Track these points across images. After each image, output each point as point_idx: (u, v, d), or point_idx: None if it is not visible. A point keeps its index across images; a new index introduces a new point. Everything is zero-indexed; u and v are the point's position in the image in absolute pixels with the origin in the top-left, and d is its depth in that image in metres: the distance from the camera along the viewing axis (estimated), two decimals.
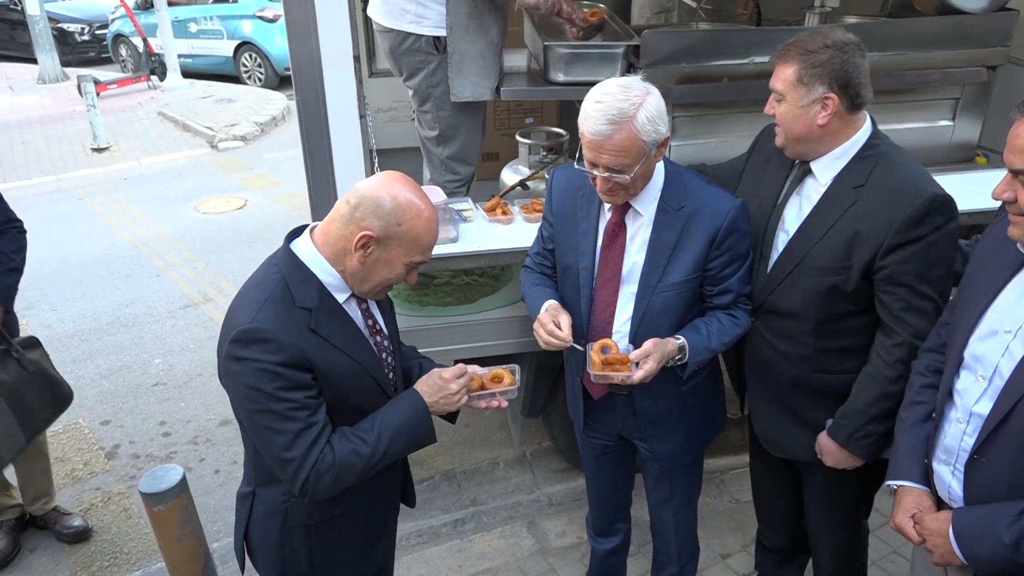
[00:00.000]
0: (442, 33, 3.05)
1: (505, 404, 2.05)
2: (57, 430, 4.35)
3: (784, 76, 2.08)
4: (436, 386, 1.93)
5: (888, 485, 1.94)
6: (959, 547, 1.71)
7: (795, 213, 2.21)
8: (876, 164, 2.11)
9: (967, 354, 1.77)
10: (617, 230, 2.21)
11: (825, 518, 2.54)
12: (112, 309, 5.70)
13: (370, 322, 1.97)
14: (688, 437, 2.43)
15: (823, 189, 2.15)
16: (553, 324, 2.17)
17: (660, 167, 2.19)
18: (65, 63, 13.31)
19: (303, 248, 1.84)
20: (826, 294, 2.14)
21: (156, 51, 12.13)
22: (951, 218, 2.05)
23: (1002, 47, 3.24)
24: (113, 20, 13.83)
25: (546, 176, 3.32)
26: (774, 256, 2.23)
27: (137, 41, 12.52)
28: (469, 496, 3.82)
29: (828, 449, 2.25)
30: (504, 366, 2.08)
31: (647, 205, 2.18)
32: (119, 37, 13.70)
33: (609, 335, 2.26)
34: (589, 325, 2.28)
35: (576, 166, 2.15)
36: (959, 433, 1.77)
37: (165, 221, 7.25)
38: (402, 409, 1.91)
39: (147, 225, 7.19)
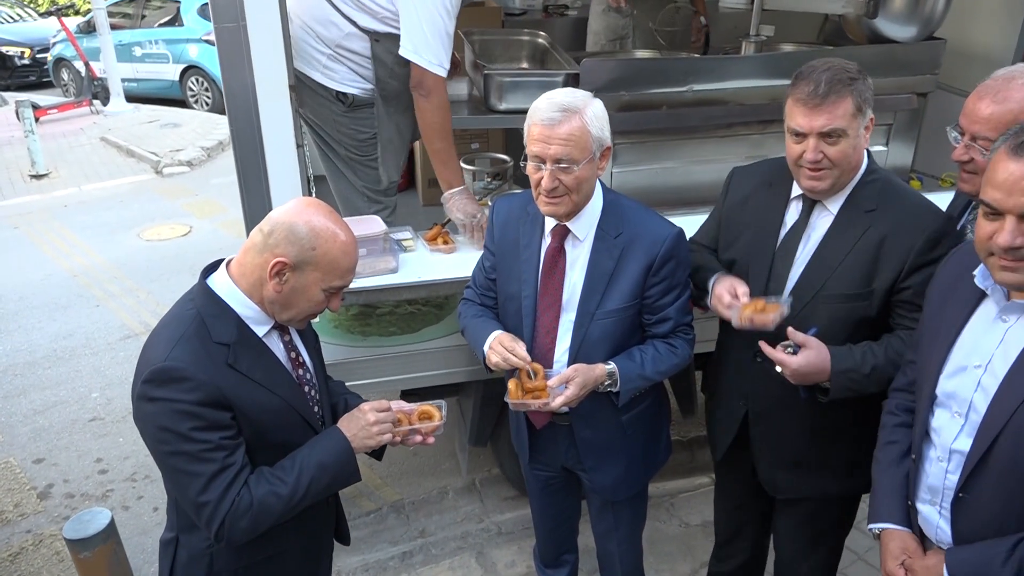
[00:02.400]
0: (344, 89, 3.02)
1: (431, 441, 2.02)
2: None
3: (844, 111, 1.96)
4: (358, 424, 1.89)
5: (871, 529, 1.92)
6: None
7: (804, 243, 2.16)
8: (882, 188, 2.10)
9: (939, 392, 1.76)
10: (557, 255, 2.20)
11: (809, 543, 2.51)
12: (48, 341, 5.51)
13: (293, 355, 1.92)
14: (630, 469, 2.41)
15: (832, 217, 2.12)
16: (512, 346, 2.16)
17: (599, 193, 2.19)
18: (4, 87, 13.02)
19: (219, 282, 1.80)
20: (851, 322, 2.11)
21: (99, 75, 11.88)
22: (954, 237, 2.08)
23: (931, 75, 3.35)
24: (54, 44, 13.54)
25: (490, 203, 3.32)
26: (787, 289, 2.16)
27: (79, 65, 12.25)
28: (417, 527, 3.75)
29: (808, 361, 2.03)
30: (431, 402, 2.05)
31: (586, 231, 2.18)
32: (61, 61, 13.40)
33: (550, 362, 2.24)
34: (532, 353, 2.25)
35: (522, 168, 2.13)
36: (941, 472, 1.75)
37: (106, 249, 7.06)
38: (323, 447, 1.86)
39: (87, 253, 6.99)
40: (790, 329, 2.04)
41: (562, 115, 2.00)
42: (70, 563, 3.54)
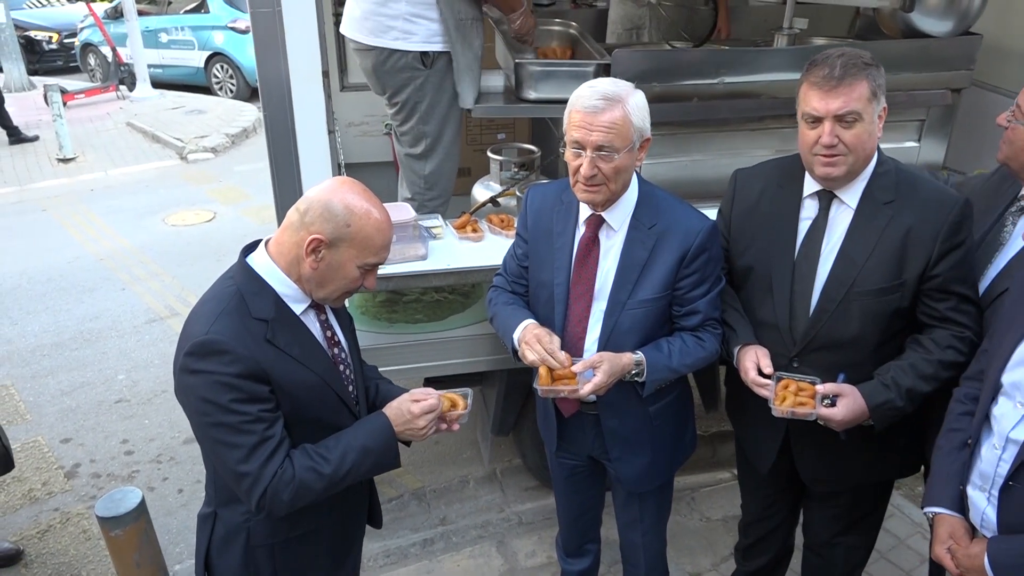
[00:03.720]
0: (429, 48, 3.07)
1: (456, 428, 2.04)
2: (15, 448, 4.23)
3: (859, 94, 1.96)
4: (404, 418, 1.92)
5: (925, 512, 1.95)
6: None
7: (827, 240, 2.15)
8: (897, 178, 2.10)
9: (1005, 380, 1.77)
10: (591, 245, 2.21)
11: (844, 529, 2.52)
12: (75, 323, 5.58)
13: (328, 333, 1.95)
14: (656, 460, 2.41)
15: (851, 211, 2.11)
16: (547, 342, 2.14)
17: (634, 184, 2.19)
18: (32, 72, 13.10)
19: (258, 260, 1.83)
20: (885, 315, 2.11)
21: (125, 61, 11.97)
22: (972, 221, 2.09)
23: (966, 70, 3.29)
24: (82, 29, 13.64)
25: (517, 193, 3.32)
26: (817, 289, 2.15)
27: (106, 50, 12.35)
28: (438, 515, 3.77)
29: (848, 410, 2.06)
30: (457, 390, 2.07)
31: (620, 221, 2.18)
32: (88, 46, 13.51)
33: (581, 351, 2.25)
34: (562, 341, 2.25)
35: (565, 161, 2.12)
36: (995, 459, 1.77)
37: (132, 233, 7.13)
38: (368, 431, 1.89)
39: (113, 237, 7.06)
40: (820, 387, 2.07)
41: (605, 103, 2.00)
42: (96, 541, 3.61)
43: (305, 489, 1.78)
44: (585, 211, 2.21)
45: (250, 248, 1.89)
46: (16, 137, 9.75)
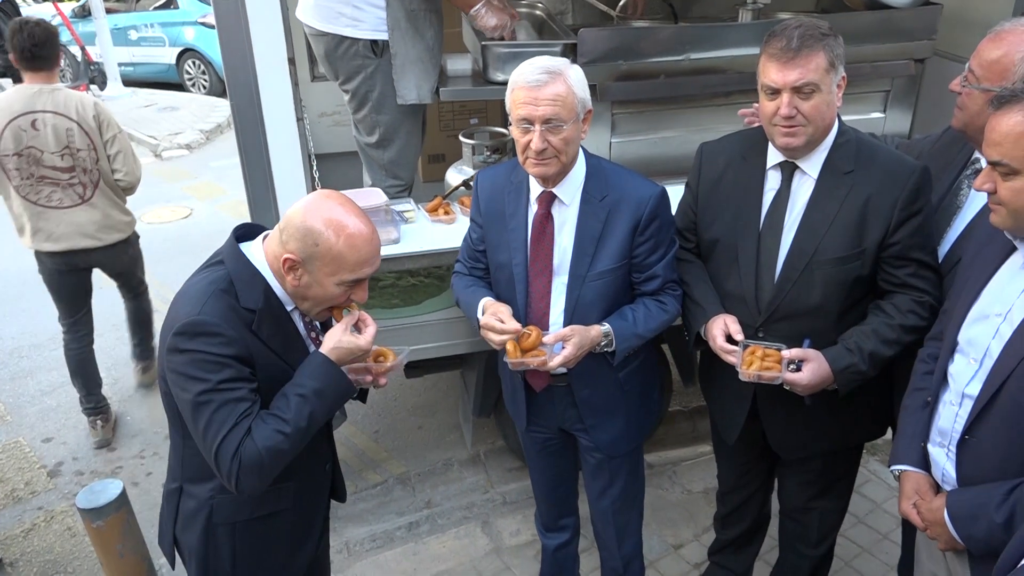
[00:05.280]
0: (379, 36, 3.03)
1: (383, 382, 2.01)
2: None
3: (816, 64, 1.97)
4: (344, 347, 1.84)
5: (892, 470, 2.00)
6: (955, 530, 1.75)
7: (790, 211, 2.18)
8: (856, 148, 2.13)
9: (961, 338, 1.82)
10: (544, 222, 2.24)
11: (819, 493, 2.57)
12: (53, 324, 5.43)
13: (313, 335, 1.98)
14: (628, 424, 2.46)
15: (813, 181, 2.14)
16: (496, 321, 2.18)
17: (582, 158, 2.23)
18: (1, 73, 12.92)
19: (254, 253, 1.85)
20: (846, 283, 2.15)
21: (95, 59, 11.83)
22: (931, 188, 2.13)
23: (928, 40, 3.34)
24: None
25: None
26: (781, 259, 2.18)
27: (75, 50, 12.18)
28: (423, 499, 3.80)
29: (813, 374, 2.10)
30: (392, 347, 2.06)
31: (572, 195, 2.22)
32: None
33: (546, 326, 2.28)
34: (526, 319, 2.29)
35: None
36: (952, 415, 1.82)
37: None
38: (310, 373, 1.83)
39: None
40: (786, 352, 2.10)
41: (548, 76, 2.04)
42: (81, 538, 3.61)
43: (277, 453, 1.75)
44: (536, 189, 2.24)
45: (243, 230, 1.90)
46: None
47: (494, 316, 2.19)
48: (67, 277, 4.09)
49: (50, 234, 3.87)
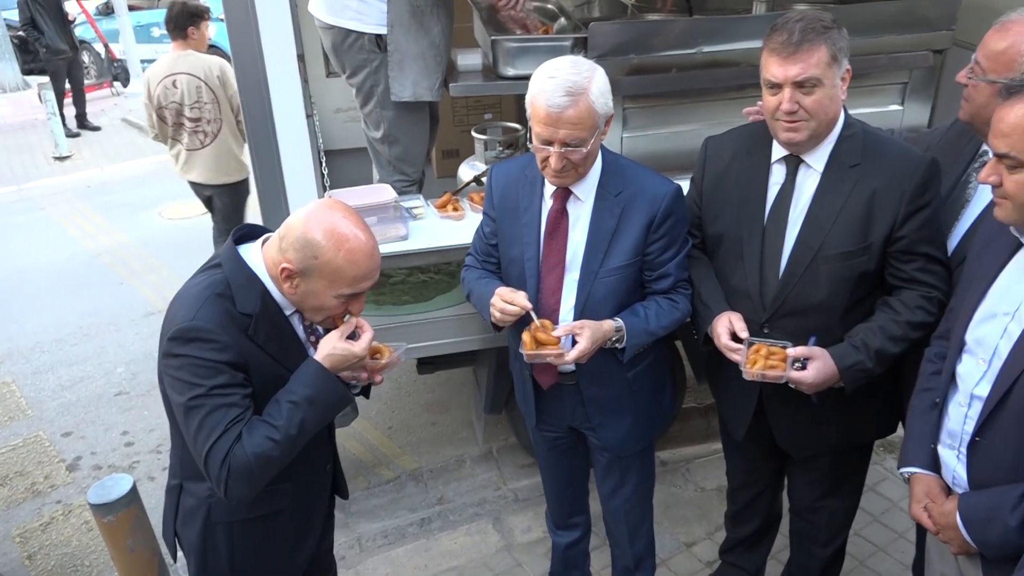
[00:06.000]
0: (383, 31, 3.02)
1: (379, 380, 1.99)
2: (17, 444, 4.30)
3: (818, 59, 1.94)
4: (339, 355, 1.82)
5: (901, 473, 1.97)
6: (968, 534, 1.72)
7: (794, 205, 2.15)
8: (863, 141, 2.10)
9: (968, 338, 1.78)
10: (559, 217, 2.22)
11: (828, 491, 2.53)
12: (74, 319, 5.62)
13: (313, 339, 1.97)
14: (636, 424, 2.43)
15: (819, 175, 2.11)
16: (505, 300, 2.17)
17: (599, 155, 2.20)
18: (27, 71, 13.09)
19: (252, 257, 1.84)
20: (852, 279, 2.11)
21: (118, 57, 11.96)
22: (940, 181, 2.09)
23: (947, 30, 3.26)
24: (74, 26, 13.61)
25: None
26: (785, 253, 2.15)
27: (99, 47, 12.33)
28: (436, 495, 3.81)
29: (819, 372, 2.08)
30: (389, 344, 2.02)
31: (587, 191, 2.19)
32: (80, 43, 13.47)
33: (556, 322, 2.26)
34: (537, 313, 2.26)
35: (529, 146, 2.13)
36: (961, 416, 1.78)
37: (129, 228, 7.16)
38: (304, 382, 1.82)
39: (110, 233, 7.09)
40: (791, 351, 2.07)
41: (569, 100, 1.98)
42: (98, 532, 3.64)
43: (266, 460, 1.74)
44: (551, 184, 2.22)
45: (242, 232, 1.89)
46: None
47: (508, 296, 2.17)
48: (201, 198, 5.24)
49: (187, 169, 4.96)
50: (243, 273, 1.81)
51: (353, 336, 1.85)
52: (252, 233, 1.91)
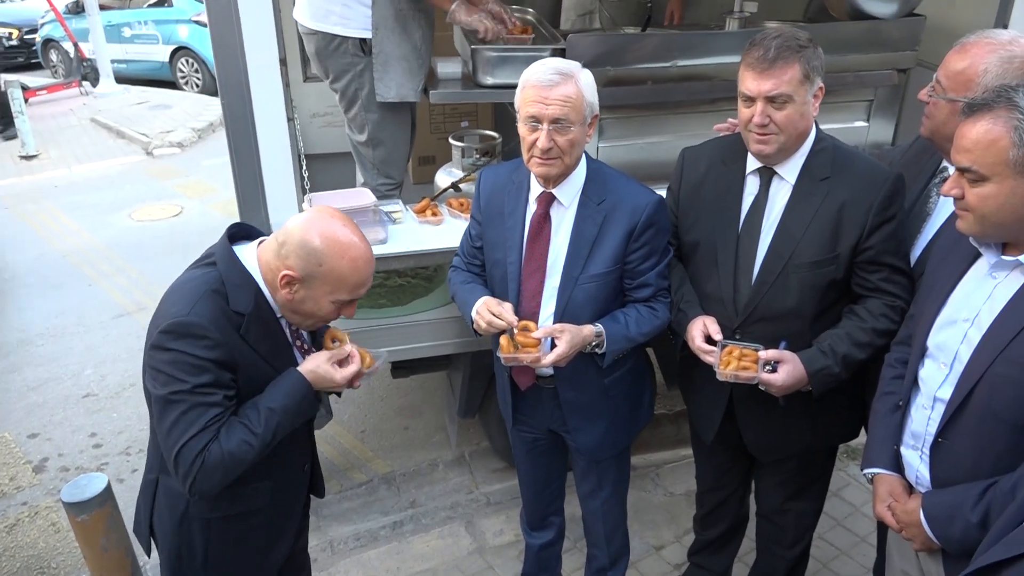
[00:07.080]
0: (368, 35, 3.06)
1: (358, 385, 2.01)
2: None
3: (790, 76, 2.02)
4: (325, 381, 1.90)
5: (865, 474, 2.03)
6: (932, 531, 1.78)
7: (767, 215, 2.22)
8: (833, 155, 2.18)
9: (930, 343, 1.85)
10: (542, 222, 2.27)
11: (794, 494, 2.61)
12: (41, 319, 5.54)
13: (298, 343, 2.00)
14: (612, 429, 2.48)
15: (791, 187, 2.19)
16: (492, 312, 2.22)
17: (583, 162, 2.26)
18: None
19: (247, 257, 1.86)
20: (821, 287, 2.19)
21: (88, 56, 11.81)
22: (905, 195, 2.19)
23: (911, 51, 3.39)
24: (43, 24, 13.41)
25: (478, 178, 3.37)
26: (758, 261, 2.23)
27: (68, 46, 12.17)
28: (408, 498, 3.82)
29: (788, 375, 2.15)
30: (371, 351, 2.07)
31: (571, 197, 2.24)
32: (49, 42, 13.29)
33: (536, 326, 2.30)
34: (517, 316, 2.31)
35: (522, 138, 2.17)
36: (924, 419, 1.85)
37: (98, 229, 7.07)
38: (286, 392, 1.87)
39: (79, 234, 7.00)
40: (762, 353, 2.14)
41: (559, 77, 2.07)
42: (65, 534, 3.61)
43: (239, 463, 1.79)
44: (536, 189, 2.27)
45: (235, 229, 1.91)
46: None
47: (492, 305, 2.23)
48: None
49: None
50: (238, 272, 1.83)
51: (339, 365, 1.91)
52: (244, 231, 1.94)
